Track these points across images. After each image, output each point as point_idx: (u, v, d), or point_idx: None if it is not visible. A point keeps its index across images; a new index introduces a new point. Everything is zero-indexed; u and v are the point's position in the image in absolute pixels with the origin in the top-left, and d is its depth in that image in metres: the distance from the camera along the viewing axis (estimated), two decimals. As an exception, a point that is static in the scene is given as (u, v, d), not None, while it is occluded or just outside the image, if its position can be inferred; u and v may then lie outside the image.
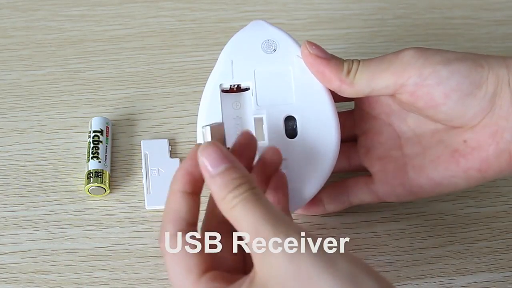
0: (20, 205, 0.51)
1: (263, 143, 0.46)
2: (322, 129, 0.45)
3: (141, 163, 0.52)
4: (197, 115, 0.55)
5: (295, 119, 0.46)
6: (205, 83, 0.47)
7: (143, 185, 0.51)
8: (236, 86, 0.47)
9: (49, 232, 0.50)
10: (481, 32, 0.62)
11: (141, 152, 0.53)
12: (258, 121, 0.46)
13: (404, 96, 0.44)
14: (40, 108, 0.56)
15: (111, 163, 0.53)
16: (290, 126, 0.46)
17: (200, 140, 0.45)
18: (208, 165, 0.37)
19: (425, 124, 0.46)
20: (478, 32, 0.62)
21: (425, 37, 0.61)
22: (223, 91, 0.46)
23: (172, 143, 0.54)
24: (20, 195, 0.51)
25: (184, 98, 0.57)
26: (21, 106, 0.56)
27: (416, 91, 0.43)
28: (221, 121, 0.43)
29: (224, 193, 0.37)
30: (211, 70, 0.47)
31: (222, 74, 0.46)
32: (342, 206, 0.49)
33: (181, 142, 0.54)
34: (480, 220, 0.51)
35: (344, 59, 0.45)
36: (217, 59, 0.47)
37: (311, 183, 0.45)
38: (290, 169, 0.45)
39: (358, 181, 0.48)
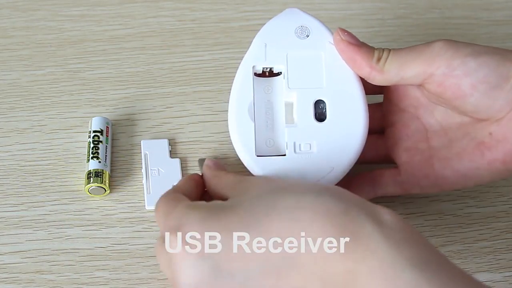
0: (20, 205, 0.51)
1: (292, 125, 0.46)
2: (351, 114, 0.46)
3: (141, 163, 0.52)
4: (196, 115, 0.55)
5: (325, 103, 0.46)
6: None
7: (143, 185, 0.51)
8: (268, 70, 0.47)
9: (49, 232, 0.50)
10: (481, 32, 0.62)
11: (141, 152, 0.53)
12: (288, 104, 0.47)
13: (432, 86, 0.45)
14: (40, 108, 0.56)
15: (111, 163, 0.53)
16: (320, 110, 0.47)
17: (232, 128, 0.47)
18: (212, 165, 0.46)
19: (452, 117, 0.47)
20: (478, 32, 0.62)
21: (425, 37, 0.61)
22: (256, 74, 0.47)
23: (172, 143, 0.54)
24: (20, 195, 0.51)
25: (184, 98, 0.57)
26: (21, 106, 0.56)
27: (444, 81, 0.44)
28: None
29: (214, 173, 0.46)
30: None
31: (255, 56, 0.47)
32: (367, 197, 0.49)
33: (181, 142, 0.54)
34: (480, 220, 0.51)
35: (375, 47, 0.46)
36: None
37: (338, 166, 0.46)
38: (317, 152, 0.46)
39: (384, 173, 0.49)
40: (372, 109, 0.49)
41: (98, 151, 0.52)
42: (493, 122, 0.45)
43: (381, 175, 0.49)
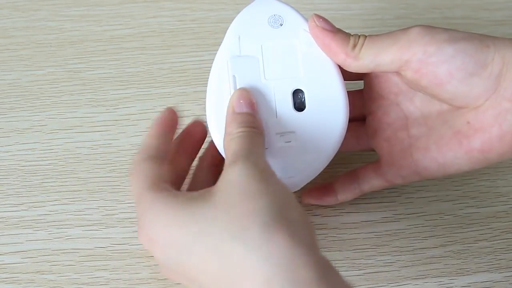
0: (20, 205, 0.51)
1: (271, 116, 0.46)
2: (330, 101, 0.45)
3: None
4: (197, 115, 0.55)
5: (303, 92, 0.46)
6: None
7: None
8: None
9: (49, 232, 0.50)
10: (481, 32, 0.62)
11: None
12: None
13: (408, 73, 0.44)
14: (40, 108, 0.56)
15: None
16: (298, 99, 0.46)
17: (211, 124, 0.45)
18: (236, 105, 0.44)
19: (432, 104, 0.46)
20: (478, 32, 0.62)
21: (425, 37, 0.61)
22: None
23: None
24: (20, 195, 0.51)
25: (184, 98, 0.57)
26: (21, 106, 0.56)
27: (421, 68, 0.43)
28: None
29: (236, 129, 0.42)
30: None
31: (229, 49, 0.46)
32: (353, 195, 0.49)
33: (181, 142, 0.54)
34: (480, 220, 0.51)
35: (352, 33, 0.45)
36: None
37: (321, 156, 0.45)
38: (299, 142, 0.45)
39: (367, 168, 0.49)
40: (353, 96, 0.48)
41: None
42: (471, 110, 0.44)
43: (365, 171, 0.49)
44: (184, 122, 0.55)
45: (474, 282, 0.48)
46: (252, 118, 0.43)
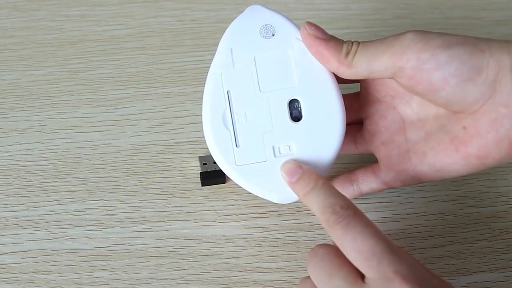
0: (20, 205, 0.51)
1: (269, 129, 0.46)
2: (327, 110, 0.45)
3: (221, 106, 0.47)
4: (197, 115, 0.55)
5: (299, 102, 0.46)
6: (205, 82, 0.46)
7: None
8: None
9: (49, 232, 0.50)
10: (481, 32, 0.62)
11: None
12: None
13: (403, 80, 0.44)
14: (40, 108, 0.56)
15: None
16: (295, 109, 0.46)
17: (208, 139, 0.45)
18: (286, 176, 0.45)
19: (429, 108, 0.46)
20: (478, 32, 0.62)
21: (425, 37, 0.61)
22: None
23: (172, 143, 0.54)
24: (20, 195, 0.51)
25: (184, 98, 0.57)
26: (21, 106, 0.56)
27: (415, 75, 0.43)
28: None
29: (304, 192, 0.43)
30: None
31: (222, 63, 0.46)
32: (352, 195, 0.49)
33: (181, 142, 0.54)
34: (480, 220, 0.51)
35: (345, 40, 0.45)
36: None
37: (320, 164, 0.45)
38: (297, 152, 0.45)
39: (367, 170, 0.49)
40: (349, 99, 0.48)
41: None
42: (467, 115, 0.43)
43: (364, 172, 0.49)
44: (184, 122, 0.55)
45: (474, 282, 0.48)
46: (307, 176, 0.44)
